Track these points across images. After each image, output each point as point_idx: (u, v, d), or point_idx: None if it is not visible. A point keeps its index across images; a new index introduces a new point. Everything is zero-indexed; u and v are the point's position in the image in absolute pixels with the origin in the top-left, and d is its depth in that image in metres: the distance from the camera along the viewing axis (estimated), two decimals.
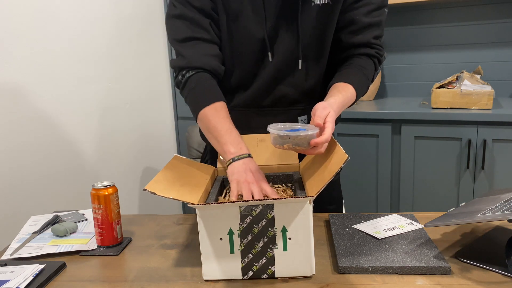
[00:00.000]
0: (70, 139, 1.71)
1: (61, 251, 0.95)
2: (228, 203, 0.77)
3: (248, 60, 1.07)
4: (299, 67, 1.06)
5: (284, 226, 0.77)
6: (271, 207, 0.77)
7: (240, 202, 0.76)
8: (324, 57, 1.09)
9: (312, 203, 0.77)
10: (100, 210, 0.95)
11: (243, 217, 0.77)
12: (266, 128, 0.86)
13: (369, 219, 1.01)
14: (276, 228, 0.77)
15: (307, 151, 0.85)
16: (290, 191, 0.97)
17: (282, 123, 0.90)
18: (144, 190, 0.76)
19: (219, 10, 1.04)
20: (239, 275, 0.80)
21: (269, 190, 0.85)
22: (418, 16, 2.39)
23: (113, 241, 0.97)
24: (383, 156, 2.08)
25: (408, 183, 2.07)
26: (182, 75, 1.04)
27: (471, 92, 1.95)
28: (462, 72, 2.15)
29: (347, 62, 1.08)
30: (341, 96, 0.96)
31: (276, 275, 0.80)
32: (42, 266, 0.86)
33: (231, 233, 0.78)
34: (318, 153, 0.85)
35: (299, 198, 0.76)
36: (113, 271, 0.87)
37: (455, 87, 2.03)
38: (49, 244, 0.98)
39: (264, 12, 1.02)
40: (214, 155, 1.16)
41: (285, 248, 0.78)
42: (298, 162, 1.03)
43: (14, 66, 1.45)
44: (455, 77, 2.12)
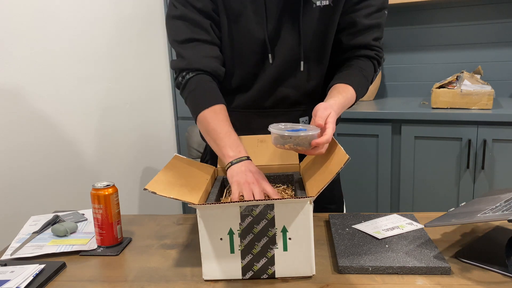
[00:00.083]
0: (70, 139, 1.71)
1: (61, 251, 0.95)
2: (228, 203, 0.77)
3: (249, 61, 1.07)
4: (301, 68, 1.06)
5: (284, 226, 0.77)
6: (271, 207, 0.77)
7: (240, 202, 0.76)
8: (325, 58, 1.09)
9: (312, 204, 0.78)
10: (100, 210, 0.95)
11: (243, 217, 0.77)
12: (267, 129, 0.86)
13: (369, 219, 1.01)
14: (276, 228, 0.77)
15: (308, 152, 0.85)
16: (290, 190, 0.97)
17: (283, 123, 0.90)
18: (145, 189, 0.76)
19: (219, 11, 1.04)
20: (239, 275, 0.80)
21: (270, 190, 0.85)
22: (418, 16, 2.39)
23: (113, 241, 0.97)
24: (383, 156, 2.08)
25: (408, 183, 2.07)
26: (182, 76, 1.03)
27: (471, 92, 1.95)
28: (462, 72, 2.15)
29: (347, 64, 1.08)
30: (341, 97, 0.97)
31: (276, 275, 0.80)
32: (42, 266, 0.86)
33: (231, 233, 0.78)
34: (319, 153, 0.85)
35: (300, 198, 0.76)
36: (113, 271, 0.87)
37: (455, 87, 2.03)
38: (49, 244, 0.98)
39: (265, 13, 1.02)
40: (214, 155, 1.15)
41: (285, 248, 0.78)
42: (298, 162, 1.03)
43: (14, 66, 1.45)
44: (455, 77, 2.12)
